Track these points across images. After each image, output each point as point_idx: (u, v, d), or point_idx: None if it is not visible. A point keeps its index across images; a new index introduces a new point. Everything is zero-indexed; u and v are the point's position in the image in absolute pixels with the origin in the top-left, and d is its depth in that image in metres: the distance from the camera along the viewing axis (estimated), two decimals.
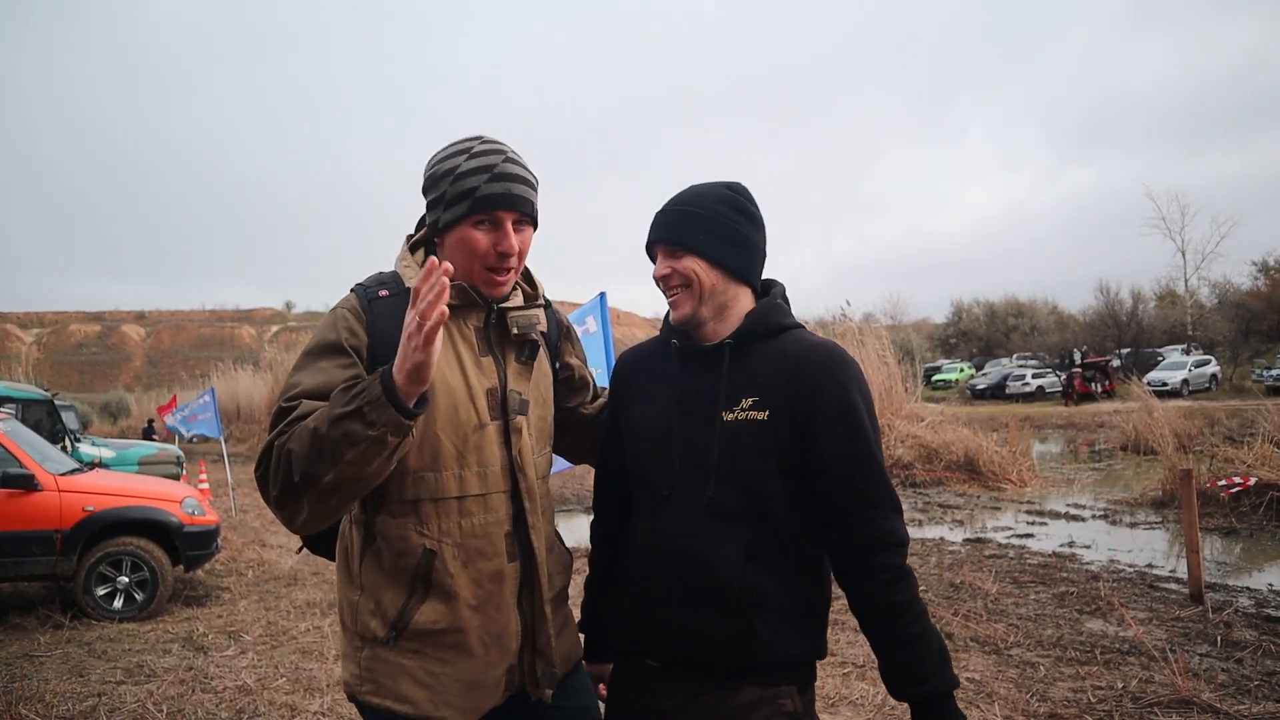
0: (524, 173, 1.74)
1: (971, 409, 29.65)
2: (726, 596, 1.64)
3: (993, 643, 5.39)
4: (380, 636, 1.67)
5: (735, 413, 1.69)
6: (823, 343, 1.75)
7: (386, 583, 1.67)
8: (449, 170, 1.71)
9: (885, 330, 18.97)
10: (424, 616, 1.65)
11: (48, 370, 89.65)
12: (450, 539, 1.66)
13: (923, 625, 1.63)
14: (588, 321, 5.72)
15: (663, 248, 1.77)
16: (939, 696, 1.60)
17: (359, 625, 1.69)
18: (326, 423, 1.45)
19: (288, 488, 1.50)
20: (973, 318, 62.43)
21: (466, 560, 1.67)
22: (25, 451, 6.84)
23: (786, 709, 1.66)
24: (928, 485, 13.61)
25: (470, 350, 1.73)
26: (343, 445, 1.44)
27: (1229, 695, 4.37)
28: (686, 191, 1.80)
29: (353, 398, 1.45)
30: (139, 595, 6.87)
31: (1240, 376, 35.92)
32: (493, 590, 1.70)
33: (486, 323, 1.77)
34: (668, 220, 1.77)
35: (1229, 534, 9.11)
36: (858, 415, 1.67)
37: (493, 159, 1.70)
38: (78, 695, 4.77)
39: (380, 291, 1.72)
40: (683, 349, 1.81)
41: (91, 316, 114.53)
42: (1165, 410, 15.44)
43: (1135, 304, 45.26)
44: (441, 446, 1.66)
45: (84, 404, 44.43)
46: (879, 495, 1.66)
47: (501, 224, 1.69)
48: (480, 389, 1.71)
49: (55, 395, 12.84)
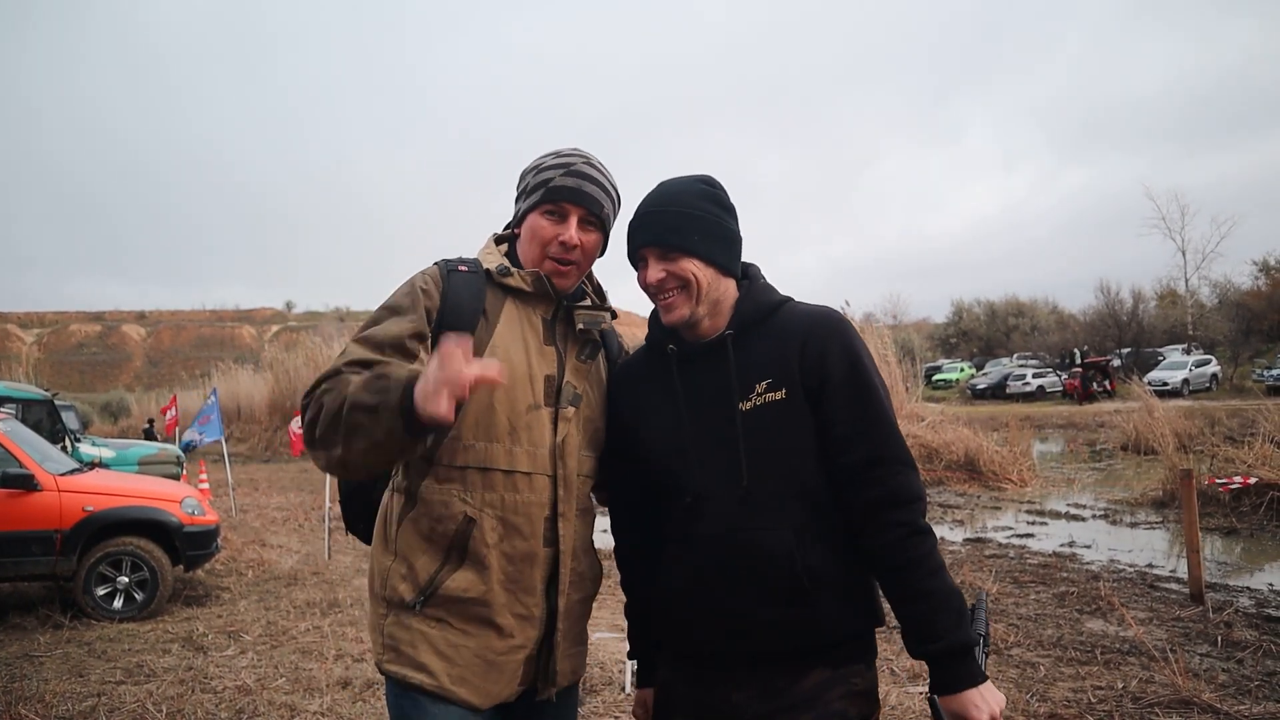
0: (601, 178, 1.83)
1: (972, 409, 29.66)
2: (785, 584, 1.61)
3: (993, 643, 5.38)
4: (408, 600, 1.68)
5: (752, 400, 1.67)
6: (819, 308, 1.76)
7: (422, 548, 1.70)
8: (535, 166, 1.85)
9: (887, 330, 18.96)
10: (455, 583, 1.68)
11: (48, 370, 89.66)
12: (492, 510, 1.69)
13: (939, 581, 1.59)
14: None
15: (654, 251, 1.73)
16: (956, 652, 1.55)
17: (388, 590, 1.71)
18: (349, 404, 1.51)
19: (310, 439, 1.60)
20: (973, 317, 62.43)
21: (504, 534, 1.70)
22: (25, 451, 6.84)
23: (858, 687, 1.65)
24: (928, 485, 13.60)
25: (535, 337, 1.80)
26: (356, 432, 1.50)
27: (1229, 695, 4.37)
28: (665, 190, 1.77)
29: (375, 391, 1.49)
30: (139, 595, 6.86)
31: (1241, 376, 35.93)
32: (524, 570, 1.72)
33: (554, 315, 1.84)
34: (656, 222, 1.73)
35: (1229, 534, 9.10)
36: (867, 374, 1.68)
37: (573, 159, 1.82)
38: (77, 695, 4.76)
39: (460, 266, 1.80)
40: (682, 351, 1.79)
41: (92, 316, 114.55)
42: (1165, 410, 15.44)
43: (1136, 304, 45.28)
44: (496, 419, 1.71)
45: (84, 404, 44.43)
46: (892, 452, 1.64)
47: (567, 216, 1.80)
48: (539, 373, 1.77)
49: (55, 395, 12.84)
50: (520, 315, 1.80)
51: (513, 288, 1.81)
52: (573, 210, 1.80)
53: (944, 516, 10.99)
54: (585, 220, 1.82)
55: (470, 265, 1.82)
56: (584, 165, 1.82)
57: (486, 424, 1.71)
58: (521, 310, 1.81)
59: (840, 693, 1.63)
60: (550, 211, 1.80)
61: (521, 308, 1.81)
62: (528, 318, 1.81)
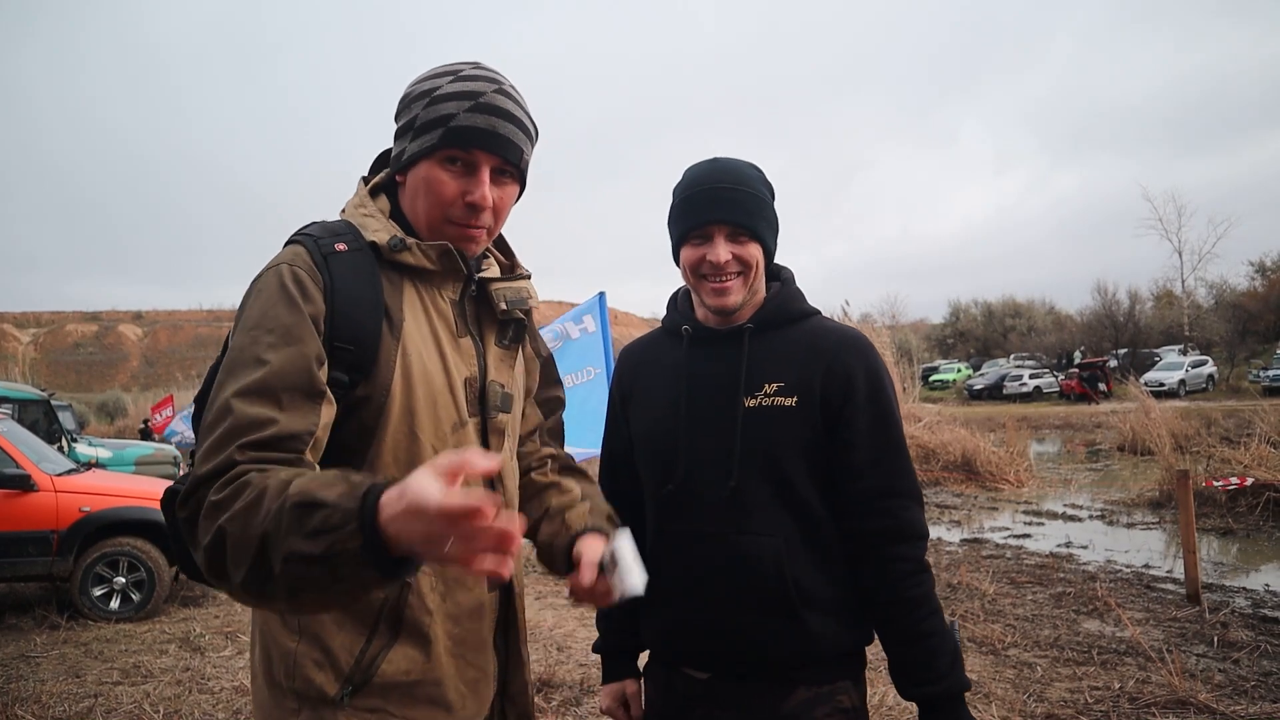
0: (518, 112, 1.37)
1: (969, 409, 29.67)
2: (772, 593, 1.57)
3: (990, 643, 5.39)
4: (330, 695, 1.27)
5: (758, 398, 1.62)
6: (850, 329, 1.72)
7: (339, 621, 1.29)
8: (426, 91, 1.36)
9: (885, 330, 18.98)
10: (393, 665, 1.30)
11: (44, 370, 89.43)
12: (428, 567, 1.31)
13: (937, 622, 1.57)
14: (586, 321, 5.73)
15: (725, 229, 1.62)
16: (950, 698, 1.54)
17: (298, 681, 1.28)
18: (279, 551, 1.00)
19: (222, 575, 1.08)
20: (970, 318, 62.55)
21: (445, 591, 1.35)
22: (21, 452, 6.83)
23: (844, 705, 1.61)
24: (925, 485, 13.59)
25: (446, 327, 1.39)
26: (297, 586, 1.03)
27: (1225, 696, 4.38)
28: (731, 169, 1.66)
29: (315, 534, 0.98)
30: (136, 596, 6.84)
31: (1237, 377, 36.03)
32: (472, 629, 1.39)
33: (463, 294, 1.43)
34: (732, 200, 1.62)
35: (1226, 534, 9.11)
36: (890, 403, 1.64)
37: (481, 85, 1.34)
38: (74, 696, 4.76)
39: (337, 245, 1.31)
40: (695, 334, 1.72)
41: (88, 316, 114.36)
42: (1162, 411, 15.43)
43: (1132, 304, 45.42)
44: (420, 449, 1.32)
45: (81, 404, 44.33)
46: (904, 485, 1.61)
47: (477, 168, 1.35)
48: (459, 377, 1.38)
49: (52, 395, 12.82)
50: (424, 303, 1.37)
51: (410, 265, 1.35)
52: (485, 160, 1.34)
53: (941, 517, 10.99)
54: (500, 170, 1.38)
55: (349, 240, 1.32)
56: (496, 94, 1.34)
57: (409, 456, 1.30)
58: (424, 294, 1.38)
59: (826, 711, 1.59)
60: (452, 159, 1.34)
61: (424, 291, 1.38)
62: (433, 304, 1.38)
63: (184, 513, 1.13)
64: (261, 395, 1.15)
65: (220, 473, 1.10)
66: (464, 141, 1.32)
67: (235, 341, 1.23)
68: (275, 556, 1.01)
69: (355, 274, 1.29)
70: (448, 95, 1.33)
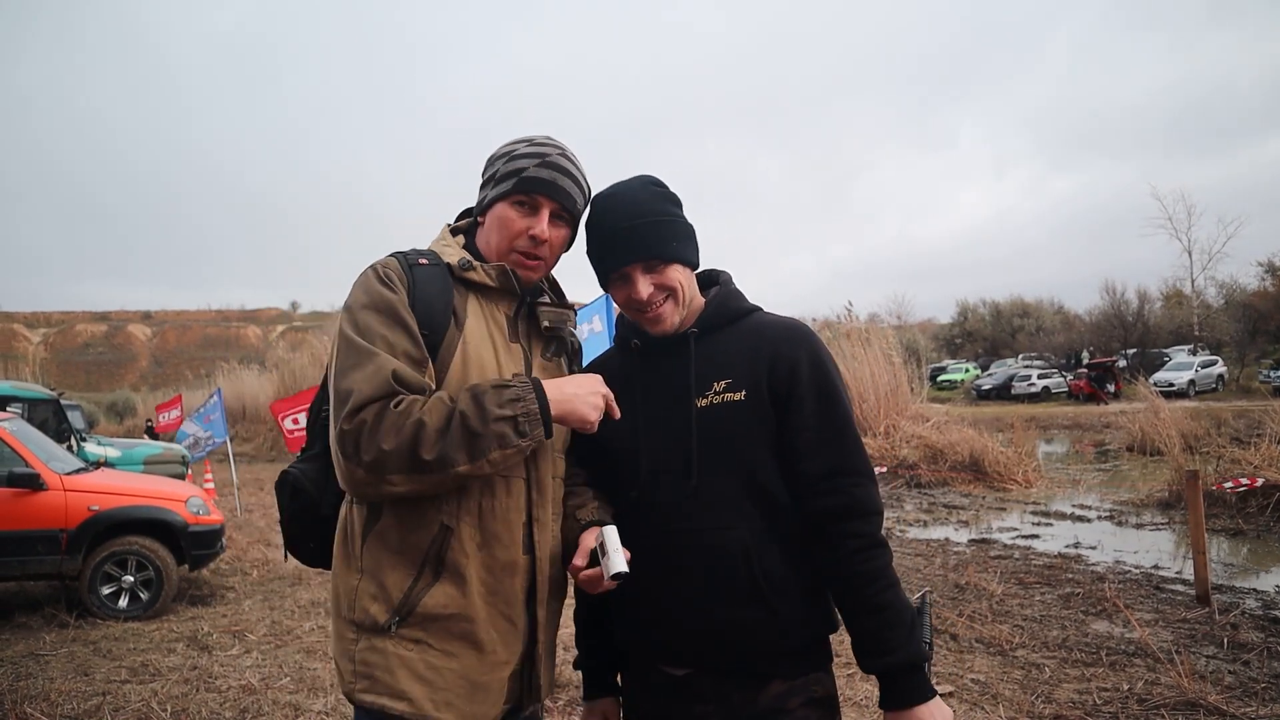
0: (576, 173, 1.75)
1: (977, 409, 29.61)
2: (742, 585, 1.60)
3: (998, 644, 5.37)
4: (381, 623, 1.56)
5: (709, 397, 1.67)
6: (790, 320, 1.78)
7: (392, 563, 1.58)
8: (506, 153, 1.75)
9: (891, 331, 18.93)
10: (434, 599, 1.56)
11: (54, 370, 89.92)
12: (470, 517, 1.59)
13: (892, 596, 1.59)
14: (594, 321, 5.74)
15: (640, 265, 1.69)
16: (906, 668, 1.56)
17: (357, 612, 1.58)
18: (483, 418, 1.48)
19: (404, 463, 1.46)
20: (978, 318, 62.35)
21: (483, 543, 1.61)
22: (31, 451, 6.86)
23: (817, 694, 1.66)
24: (933, 486, 13.57)
25: (501, 335, 1.72)
26: (493, 444, 1.48)
27: (1235, 697, 4.35)
28: (625, 200, 1.73)
29: (510, 402, 1.50)
30: (144, 594, 6.88)
31: (1247, 377, 35.83)
32: (505, 581, 1.63)
33: (517, 312, 1.76)
34: (634, 237, 1.69)
35: (1235, 535, 9.07)
36: (834, 385, 1.69)
37: (548, 150, 1.73)
38: (83, 694, 4.77)
39: (420, 260, 1.69)
40: (644, 346, 1.79)
41: (98, 316, 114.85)
42: (1171, 411, 15.37)
43: (1141, 304, 45.18)
44: None
45: (90, 403, 44.55)
46: (854, 463, 1.65)
47: (539, 209, 1.71)
48: (508, 371, 1.68)
49: (61, 394, 12.88)
50: (485, 312, 1.72)
51: (475, 283, 1.71)
52: (545, 203, 1.71)
53: (949, 517, 10.97)
54: (557, 215, 1.73)
55: (430, 258, 1.70)
56: (559, 157, 1.72)
57: None
58: (485, 307, 1.72)
59: (801, 701, 1.64)
60: (521, 202, 1.71)
61: (485, 304, 1.72)
62: (492, 314, 1.72)
63: (350, 425, 1.48)
64: (402, 357, 1.55)
65: (387, 394, 1.49)
66: (531, 188, 1.70)
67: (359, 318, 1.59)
68: (479, 424, 1.48)
69: (431, 280, 1.66)
70: (522, 155, 1.72)
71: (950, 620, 5.87)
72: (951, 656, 5.19)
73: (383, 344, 1.55)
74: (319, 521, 1.76)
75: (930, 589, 6.83)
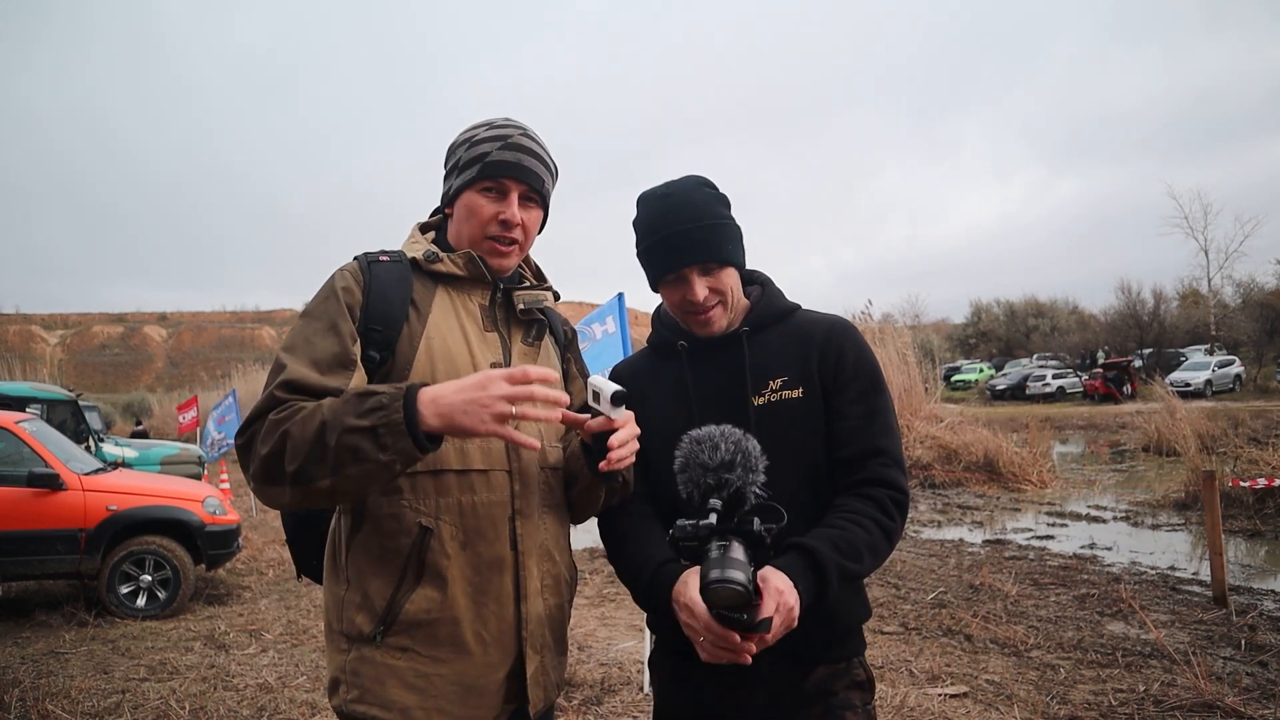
0: (539, 151, 1.70)
1: (991, 410, 29.44)
2: None
3: (1013, 645, 5.35)
4: (367, 633, 1.52)
5: (765, 395, 1.70)
6: (834, 316, 1.82)
7: (374, 570, 1.54)
8: (466, 139, 1.70)
9: (906, 330, 18.86)
10: (415, 605, 1.52)
11: (71, 371, 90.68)
12: (449, 516, 1.54)
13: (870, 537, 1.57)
14: (607, 322, 5.74)
15: (697, 268, 1.70)
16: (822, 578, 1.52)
17: (344, 623, 1.56)
18: (335, 429, 1.35)
19: (275, 474, 1.40)
20: (992, 318, 61.98)
21: (465, 541, 1.55)
22: (50, 451, 6.94)
23: (860, 678, 1.72)
24: (947, 486, 13.52)
25: (475, 324, 1.68)
26: (347, 458, 1.35)
27: (1253, 699, 4.32)
28: (682, 203, 1.71)
29: (369, 411, 1.35)
30: (161, 594, 6.95)
31: (1265, 377, 35.47)
32: (492, 579, 1.57)
33: (492, 300, 1.71)
34: (696, 240, 1.69)
35: (1253, 536, 8.99)
36: (878, 378, 1.74)
37: (509, 131, 1.68)
38: (102, 692, 4.83)
39: (381, 256, 1.67)
40: (693, 348, 1.78)
41: (114, 318, 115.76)
42: (1188, 411, 15.26)
43: (1157, 304, 44.72)
44: None
45: (106, 404, 44.91)
46: (888, 449, 1.68)
47: (508, 193, 1.66)
48: (484, 361, 1.63)
49: (79, 395, 13.00)
50: (454, 303, 1.67)
51: (443, 274, 1.67)
52: (513, 186, 1.66)
53: (963, 518, 10.92)
54: (526, 196, 1.69)
55: (393, 255, 1.68)
56: (521, 137, 1.67)
57: None
58: (455, 298, 1.67)
59: (845, 684, 1.69)
60: (489, 188, 1.66)
61: (455, 295, 1.68)
62: (463, 305, 1.68)
63: (242, 439, 1.45)
64: (309, 360, 1.50)
65: (277, 404, 1.44)
66: (497, 172, 1.65)
67: (295, 324, 1.59)
68: (332, 435, 1.35)
69: (389, 276, 1.63)
70: (483, 139, 1.67)
71: (965, 621, 5.85)
72: (966, 657, 5.18)
73: (302, 349, 1.52)
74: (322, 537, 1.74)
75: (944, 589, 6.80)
